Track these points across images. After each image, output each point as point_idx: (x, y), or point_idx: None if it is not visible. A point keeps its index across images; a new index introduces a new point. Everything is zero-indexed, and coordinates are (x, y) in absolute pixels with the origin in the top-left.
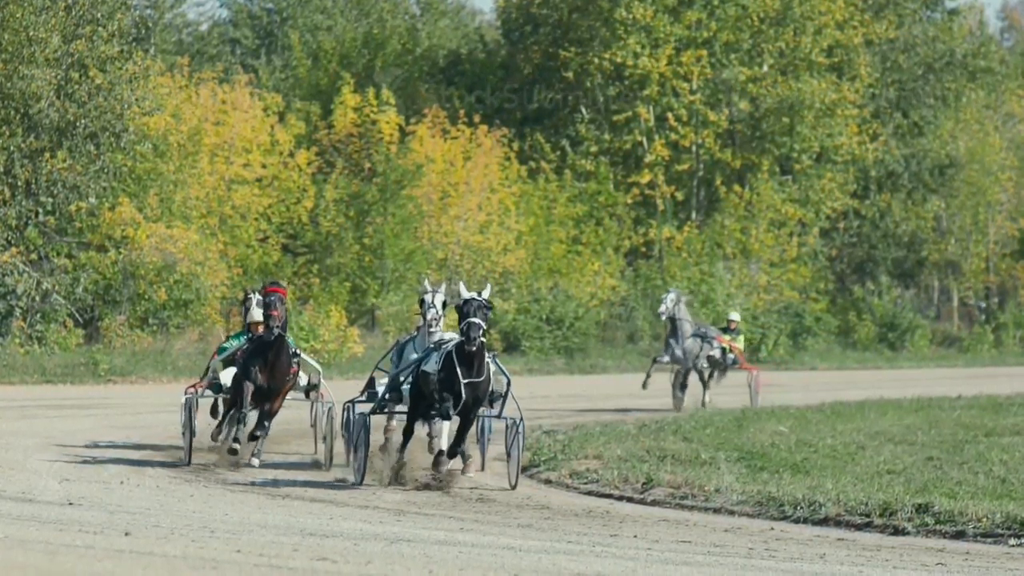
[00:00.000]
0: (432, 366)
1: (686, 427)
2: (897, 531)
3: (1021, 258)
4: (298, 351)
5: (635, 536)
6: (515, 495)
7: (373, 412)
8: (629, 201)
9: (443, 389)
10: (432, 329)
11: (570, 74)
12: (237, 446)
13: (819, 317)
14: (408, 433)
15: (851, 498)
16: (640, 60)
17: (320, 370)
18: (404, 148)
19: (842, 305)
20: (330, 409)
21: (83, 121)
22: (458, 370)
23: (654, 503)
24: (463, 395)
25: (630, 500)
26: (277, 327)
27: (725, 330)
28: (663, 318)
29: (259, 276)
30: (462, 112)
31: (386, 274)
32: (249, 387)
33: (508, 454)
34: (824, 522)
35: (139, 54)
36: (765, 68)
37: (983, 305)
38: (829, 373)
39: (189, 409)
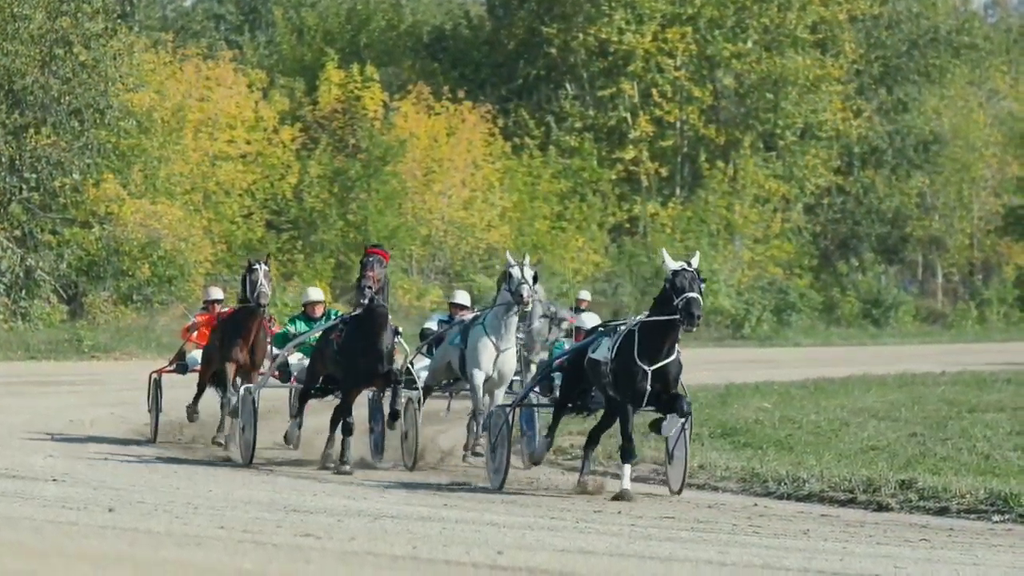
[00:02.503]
0: (603, 353)
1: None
2: (881, 507)
3: (1005, 234)
4: (398, 328)
5: (619, 512)
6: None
7: (515, 406)
8: (613, 177)
9: (621, 381)
10: (528, 309)
11: (554, 50)
12: (348, 468)
13: (803, 293)
14: (553, 431)
15: (835, 474)
16: (625, 36)
17: (408, 352)
18: (388, 124)
19: (826, 281)
20: (409, 400)
21: (67, 97)
22: (638, 357)
23: (638, 479)
24: (648, 388)
25: (614, 476)
26: (370, 288)
27: (576, 310)
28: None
29: (243, 252)
30: (446, 88)
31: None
32: (356, 380)
33: (670, 455)
34: (808, 498)
35: (124, 30)
36: (750, 44)
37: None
38: (813, 349)
39: (252, 404)
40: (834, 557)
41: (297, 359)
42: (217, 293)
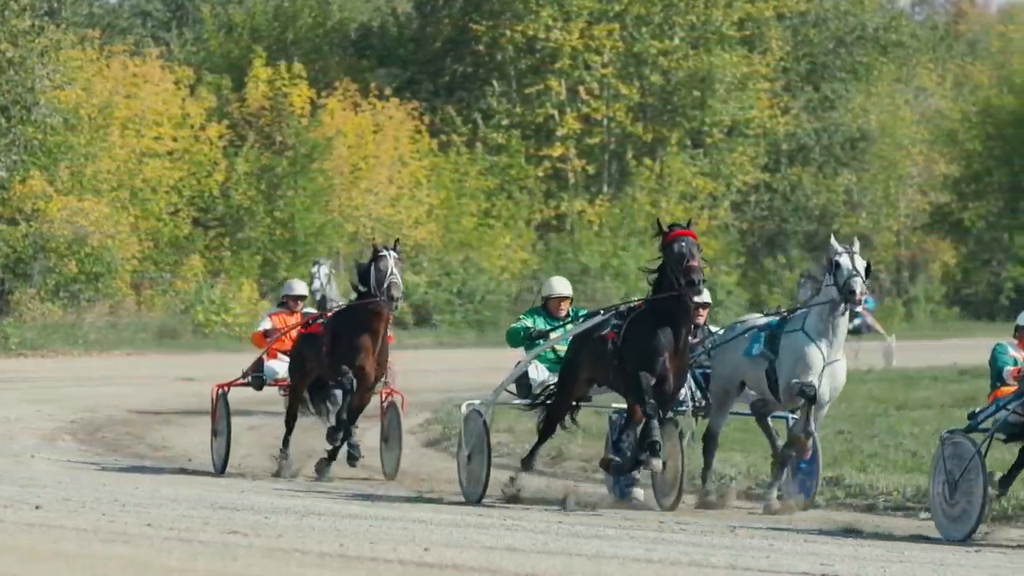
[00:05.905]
0: None
1: (597, 401)
2: (808, 504)
3: (932, 232)
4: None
5: (545, 510)
6: (422, 470)
7: (972, 430)
8: (540, 174)
9: None
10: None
11: (481, 47)
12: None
13: (730, 290)
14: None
15: (762, 471)
16: (552, 33)
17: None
18: (315, 121)
19: (753, 278)
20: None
21: None
22: None
23: (565, 476)
24: None
25: (541, 473)
26: (704, 280)
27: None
28: (316, 297)
29: (170, 249)
30: (373, 85)
31: (297, 247)
32: (648, 381)
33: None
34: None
35: (50, 27)
36: (676, 41)
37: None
38: None
39: (483, 427)
40: (760, 554)
41: (535, 370)
42: (300, 288)
